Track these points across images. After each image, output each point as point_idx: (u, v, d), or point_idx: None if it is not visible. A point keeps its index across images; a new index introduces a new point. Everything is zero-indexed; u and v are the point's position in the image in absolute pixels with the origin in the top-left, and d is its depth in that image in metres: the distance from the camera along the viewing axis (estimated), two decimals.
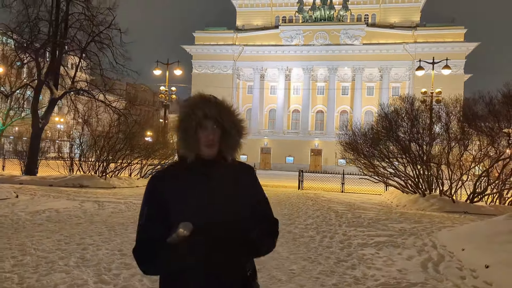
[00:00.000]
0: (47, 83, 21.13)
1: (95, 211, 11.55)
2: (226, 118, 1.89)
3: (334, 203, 17.38)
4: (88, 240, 7.51)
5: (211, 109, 1.86)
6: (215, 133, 1.86)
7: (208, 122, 1.85)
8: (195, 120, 1.85)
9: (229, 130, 1.89)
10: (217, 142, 1.88)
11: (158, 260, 1.78)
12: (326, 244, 8.29)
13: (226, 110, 1.91)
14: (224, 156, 1.91)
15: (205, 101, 1.89)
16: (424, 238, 9.44)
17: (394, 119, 19.07)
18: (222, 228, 1.82)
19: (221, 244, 1.81)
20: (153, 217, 1.86)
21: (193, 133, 1.85)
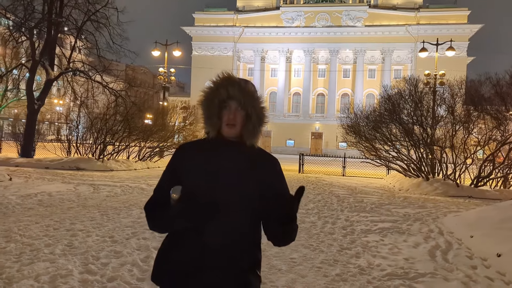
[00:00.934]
0: (42, 63, 20.60)
1: (90, 194, 11.20)
2: (249, 103, 1.91)
3: (336, 187, 17.04)
4: (79, 225, 7.16)
5: (234, 90, 1.89)
6: (236, 114, 1.89)
7: (231, 102, 1.89)
8: (218, 98, 1.89)
9: (250, 115, 1.91)
10: (238, 123, 1.90)
11: (158, 219, 1.91)
12: (328, 230, 7.94)
13: (250, 95, 1.93)
14: (243, 141, 1.93)
15: (230, 81, 1.92)
16: (430, 224, 9.09)
17: (397, 101, 18.62)
18: (224, 207, 1.84)
19: (216, 221, 1.84)
20: (166, 181, 1.97)
21: (215, 110, 1.90)
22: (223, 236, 1.84)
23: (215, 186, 1.86)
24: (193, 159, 1.95)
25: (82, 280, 4.49)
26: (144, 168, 22.05)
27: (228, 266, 1.84)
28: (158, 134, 24.17)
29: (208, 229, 1.83)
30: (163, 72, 31.99)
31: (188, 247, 1.86)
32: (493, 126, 16.07)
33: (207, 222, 1.83)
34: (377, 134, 19.63)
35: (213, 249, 1.84)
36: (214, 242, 1.83)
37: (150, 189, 13.07)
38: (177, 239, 1.90)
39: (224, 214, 1.84)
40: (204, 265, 1.83)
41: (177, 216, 1.82)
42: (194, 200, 1.82)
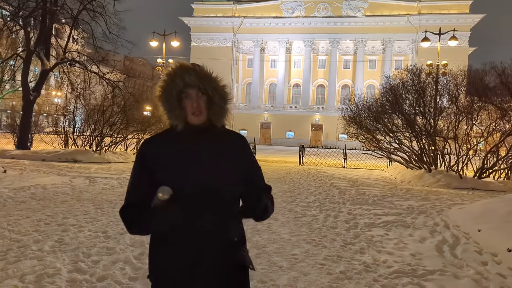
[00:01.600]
0: (37, 54, 20.21)
1: (85, 187, 10.92)
2: (208, 85, 1.86)
3: (337, 179, 16.77)
4: (71, 220, 6.88)
5: (190, 76, 1.84)
6: (199, 100, 1.85)
7: (191, 90, 1.84)
8: (175, 89, 1.84)
9: (212, 97, 1.87)
10: (204, 109, 1.86)
11: (139, 222, 1.84)
12: (330, 224, 7.66)
13: (207, 77, 1.88)
14: (213, 124, 1.90)
15: (184, 69, 1.87)
16: (435, 217, 8.82)
17: (399, 92, 18.29)
18: (206, 194, 1.81)
19: (205, 210, 1.81)
20: (139, 180, 1.90)
21: (175, 103, 1.86)
22: (211, 226, 1.83)
23: (196, 176, 1.83)
24: (165, 151, 1.89)
25: (70, 279, 4.22)
26: None
27: (220, 250, 1.85)
28: (156, 126, 23.84)
29: (195, 219, 1.82)
30: (161, 63, 31.55)
31: (179, 241, 1.83)
32: (497, 117, 15.75)
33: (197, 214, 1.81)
34: (378, 125, 19.32)
35: (203, 240, 1.82)
36: (204, 233, 1.82)
37: None
38: (163, 236, 1.86)
39: (209, 202, 1.82)
40: (198, 257, 1.82)
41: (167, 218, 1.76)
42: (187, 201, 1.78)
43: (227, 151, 1.92)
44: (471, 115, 16.20)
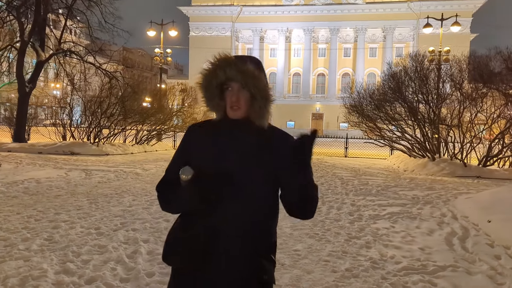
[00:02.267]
0: (32, 44, 19.81)
1: (81, 180, 10.62)
2: (250, 83, 1.79)
3: (338, 169, 16.48)
4: (64, 215, 6.59)
5: (232, 71, 1.78)
6: (240, 95, 1.80)
7: (233, 83, 1.80)
8: (216, 79, 1.81)
9: (255, 95, 1.81)
10: (243, 105, 1.81)
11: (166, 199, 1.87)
12: (333, 216, 7.37)
13: (250, 75, 1.79)
14: (251, 121, 1.84)
15: (228, 62, 1.81)
16: (441, 208, 8.53)
17: (401, 79, 17.90)
18: (234, 187, 1.76)
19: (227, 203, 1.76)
20: (177, 160, 1.93)
21: (215, 93, 1.84)
22: (234, 218, 1.77)
23: (224, 166, 1.78)
24: (201, 139, 1.90)
25: (56, 282, 3.93)
26: (141, 152, 21.47)
27: (239, 249, 1.77)
28: (155, 117, 23.53)
29: (219, 210, 1.76)
30: (159, 52, 31.10)
31: (198, 229, 1.78)
32: (502, 104, 15.40)
33: (219, 203, 1.76)
34: (380, 113, 18.97)
35: (224, 232, 1.77)
36: (226, 225, 1.77)
37: (145, 174, 12.52)
38: (186, 221, 1.84)
39: (235, 194, 1.76)
40: (214, 249, 1.76)
41: (188, 197, 1.75)
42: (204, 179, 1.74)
43: (262, 146, 1.83)
44: (475, 102, 15.85)
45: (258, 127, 1.85)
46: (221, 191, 1.75)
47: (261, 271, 1.80)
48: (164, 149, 24.53)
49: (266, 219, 1.85)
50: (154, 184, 1.87)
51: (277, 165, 1.81)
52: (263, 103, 1.83)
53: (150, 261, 4.61)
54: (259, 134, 1.85)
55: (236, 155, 1.81)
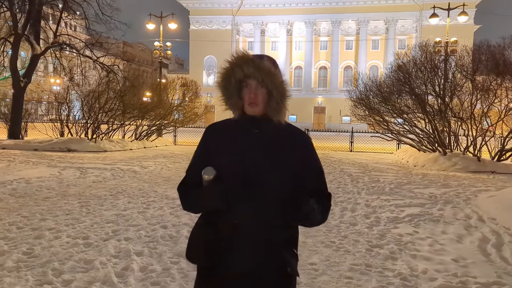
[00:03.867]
0: (26, 38, 19.09)
1: (74, 180, 9.95)
2: (268, 79, 1.84)
3: (346, 164, 15.79)
4: (50, 222, 5.92)
5: (249, 68, 1.83)
6: (257, 92, 1.84)
7: (251, 81, 1.84)
8: (234, 77, 1.86)
9: (272, 91, 1.85)
10: (261, 102, 1.85)
11: (188, 199, 1.93)
12: (348, 220, 6.69)
13: (267, 71, 1.84)
14: (269, 118, 1.88)
15: (245, 60, 1.85)
16: (464, 208, 7.85)
17: (411, 69, 17.16)
18: (249, 185, 1.80)
19: (247, 201, 1.80)
20: (198, 160, 1.95)
21: (234, 91, 1.88)
22: (254, 217, 1.81)
23: (244, 164, 1.83)
24: (220, 138, 1.92)
25: None
26: (141, 148, 20.79)
27: (261, 244, 1.81)
28: (155, 112, 22.84)
29: (238, 209, 1.81)
30: (159, 46, 30.34)
31: (220, 228, 1.83)
32: None
33: (240, 203, 1.80)
34: (388, 106, 18.26)
35: (245, 228, 1.81)
36: (246, 221, 1.81)
37: (143, 172, 11.84)
38: (209, 219, 1.89)
39: (255, 194, 1.80)
40: (237, 245, 1.81)
41: (211, 198, 1.81)
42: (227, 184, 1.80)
43: (280, 145, 1.88)
44: (488, 94, 15.14)
45: (276, 124, 1.88)
46: (242, 191, 1.80)
47: (284, 264, 1.83)
48: (164, 145, 23.86)
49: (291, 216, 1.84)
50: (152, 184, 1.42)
51: (295, 164, 1.87)
52: (280, 98, 1.86)
53: (143, 280, 3.94)
54: (278, 132, 1.88)
55: (256, 153, 1.84)
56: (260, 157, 1.83)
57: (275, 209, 1.80)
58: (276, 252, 1.82)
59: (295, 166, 1.86)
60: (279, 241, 1.84)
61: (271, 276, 1.82)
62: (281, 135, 1.89)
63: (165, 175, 11.35)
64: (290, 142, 1.90)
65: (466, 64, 15.89)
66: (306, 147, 1.94)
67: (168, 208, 7.04)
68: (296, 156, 1.87)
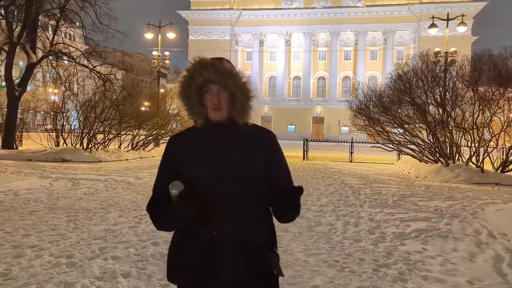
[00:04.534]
0: (22, 46, 18.79)
1: (65, 192, 9.56)
2: (229, 81, 1.80)
3: (346, 175, 15.43)
4: (33, 238, 5.54)
5: (209, 72, 1.78)
6: (220, 96, 1.80)
7: (211, 86, 1.80)
8: (195, 84, 1.81)
9: (234, 93, 1.82)
10: (225, 105, 1.81)
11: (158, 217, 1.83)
12: (352, 235, 6.32)
13: (228, 73, 1.81)
14: (234, 121, 1.84)
15: (203, 64, 1.81)
16: (472, 222, 7.48)
17: (409, 80, 16.90)
18: (223, 193, 1.76)
19: (221, 210, 1.76)
20: (163, 176, 1.88)
21: (195, 99, 1.83)
22: (232, 225, 1.76)
23: (215, 173, 1.77)
24: (186, 149, 1.85)
25: None
26: (137, 158, 20.43)
27: (243, 251, 1.77)
28: (151, 121, 22.51)
29: (215, 219, 1.76)
30: (157, 55, 30.10)
31: (198, 241, 1.78)
32: None
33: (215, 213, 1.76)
34: (389, 116, 17.95)
35: (225, 238, 1.75)
36: (225, 231, 1.76)
37: (137, 183, 11.46)
38: (185, 234, 1.82)
39: (230, 201, 1.76)
40: (219, 256, 1.75)
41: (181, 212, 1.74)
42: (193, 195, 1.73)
43: (249, 147, 1.84)
44: (490, 103, 14.85)
45: (241, 127, 1.84)
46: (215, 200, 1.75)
47: (269, 266, 1.80)
48: (160, 155, 23.43)
49: (263, 218, 1.85)
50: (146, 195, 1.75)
51: (265, 165, 1.84)
52: (244, 99, 1.83)
53: None
54: (244, 135, 1.85)
55: (225, 160, 1.79)
56: (230, 163, 1.78)
57: (251, 214, 1.79)
58: (260, 256, 1.80)
59: (265, 168, 1.84)
60: (261, 244, 1.82)
61: (257, 281, 1.79)
62: (248, 138, 1.85)
63: None
64: (258, 144, 1.86)
65: (467, 74, 15.63)
66: (272, 147, 1.91)
67: None
68: (263, 157, 1.84)
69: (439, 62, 26.73)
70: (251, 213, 1.79)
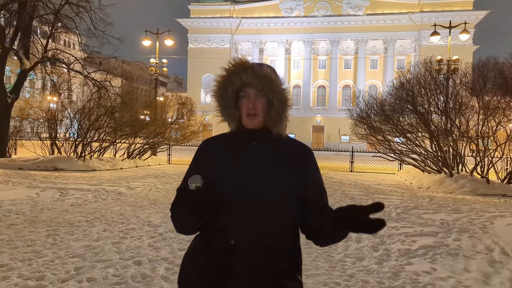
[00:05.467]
0: (15, 52, 18.40)
1: (50, 203, 9.06)
2: (267, 87, 1.72)
3: (347, 186, 14.95)
4: (5, 256, 5.04)
5: (248, 76, 1.72)
6: (256, 102, 1.73)
7: (249, 89, 1.73)
8: (231, 86, 1.75)
9: (272, 100, 1.73)
10: (260, 112, 1.73)
11: (179, 218, 1.74)
12: (354, 252, 5.83)
13: (267, 79, 1.73)
14: (269, 130, 1.75)
15: (244, 67, 1.75)
16: (482, 237, 6.99)
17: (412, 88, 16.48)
18: (247, 202, 1.67)
19: (244, 219, 1.66)
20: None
21: (230, 100, 1.76)
22: (252, 237, 1.65)
23: (241, 180, 1.69)
24: (216, 153, 1.79)
25: None
26: (132, 167, 19.92)
27: (260, 268, 1.64)
28: (148, 129, 22.06)
29: (235, 228, 1.67)
30: (155, 63, 29.74)
31: (214, 248, 1.69)
32: None
33: (237, 220, 1.67)
34: (390, 125, 17.51)
35: (243, 250, 1.65)
36: (243, 244, 1.65)
37: (128, 194, 10.96)
38: (202, 241, 1.75)
39: (254, 211, 1.66)
40: (234, 268, 1.64)
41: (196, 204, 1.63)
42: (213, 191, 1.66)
43: (280, 158, 1.74)
44: (495, 112, 14.41)
45: (276, 136, 1.77)
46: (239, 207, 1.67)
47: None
48: (157, 164, 22.99)
49: (287, 235, 1.73)
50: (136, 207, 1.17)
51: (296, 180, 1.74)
52: (281, 108, 1.75)
53: None
54: (277, 146, 1.77)
55: (254, 169, 1.71)
56: (259, 172, 1.70)
57: (274, 228, 1.67)
58: (279, 280, 1.66)
59: (296, 182, 1.73)
60: (282, 266, 1.68)
61: None
62: (281, 148, 1.77)
63: (152, 197, 10.48)
64: (291, 156, 1.77)
65: (472, 82, 15.22)
66: (306, 160, 1.80)
67: (148, 238, 6.17)
68: (297, 172, 1.74)
69: (442, 70, 26.44)
70: (274, 227, 1.68)
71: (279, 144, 1.77)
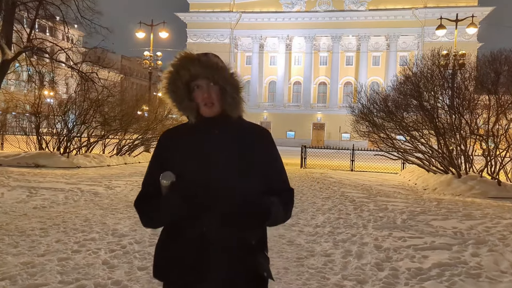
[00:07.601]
0: None
1: (12, 205, 8.02)
2: (217, 75, 1.76)
3: (347, 187, 13.90)
4: None
5: (195, 67, 1.74)
6: (210, 91, 1.76)
7: (200, 81, 1.76)
8: (181, 80, 1.77)
9: (224, 86, 1.77)
10: (216, 100, 1.77)
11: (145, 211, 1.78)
12: (354, 272, 4.78)
13: (215, 67, 1.76)
14: (228, 115, 1.80)
15: (189, 60, 1.76)
16: (504, 252, 5.95)
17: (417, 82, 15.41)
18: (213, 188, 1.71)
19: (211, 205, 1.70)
20: (154, 171, 1.80)
21: (183, 94, 1.79)
22: (223, 222, 1.68)
23: (207, 169, 1.73)
24: (179, 144, 1.82)
25: None
26: (120, 164, 18.90)
27: (235, 251, 1.70)
28: (139, 125, 21.03)
29: (206, 215, 1.70)
30: (148, 56, 28.65)
31: (187, 237, 1.72)
32: None
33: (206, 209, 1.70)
34: (393, 122, 16.44)
35: (215, 236, 1.69)
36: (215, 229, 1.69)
37: (105, 195, 9.92)
38: (173, 231, 1.76)
39: (220, 196, 1.70)
40: (208, 255, 1.69)
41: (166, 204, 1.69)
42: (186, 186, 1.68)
43: (243, 143, 1.80)
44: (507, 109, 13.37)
45: (236, 121, 1.81)
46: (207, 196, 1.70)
47: (259, 268, 1.74)
48: (147, 161, 21.92)
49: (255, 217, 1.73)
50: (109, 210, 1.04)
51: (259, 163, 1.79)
52: (235, 92, 1.79)
53: None
54: (238, 130, 1.81)
55: (217, 156, 1.74)
56: (222, 159, 1.74)
57: (243, 212, 1.68)
58: (250, 257, 1.73)
59: (259, 166, 1.79)
60: (251, 245, 1.75)
61: (247, 283, 1.73)
62: (242, 134, 1.81)
63: (131, 199, 9.44)
64: (252, 141, 1.82)
65: (481, 76, 14.15)
66: (266, 144, 1.86)
67: (106, 252, 5.12)
68: (258, 155, 1.80)
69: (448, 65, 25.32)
70: (243, 212, 1.67)
71: (240, 130, 1.81)
